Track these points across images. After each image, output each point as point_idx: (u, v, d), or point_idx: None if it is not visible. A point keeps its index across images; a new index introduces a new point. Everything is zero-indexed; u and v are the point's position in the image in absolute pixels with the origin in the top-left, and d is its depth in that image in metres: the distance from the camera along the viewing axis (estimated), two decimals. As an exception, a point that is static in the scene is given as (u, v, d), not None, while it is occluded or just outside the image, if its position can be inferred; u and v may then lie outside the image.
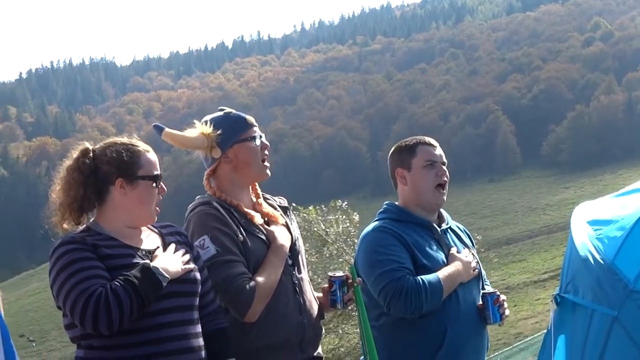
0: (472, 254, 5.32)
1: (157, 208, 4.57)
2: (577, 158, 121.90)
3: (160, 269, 4.27)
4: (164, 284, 4.26)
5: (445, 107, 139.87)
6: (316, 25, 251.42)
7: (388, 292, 5.03)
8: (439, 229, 5.39)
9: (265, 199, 5.14)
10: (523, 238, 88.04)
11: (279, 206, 5.23)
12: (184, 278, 4.46)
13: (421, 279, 5.03)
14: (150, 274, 4.26)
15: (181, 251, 4.49)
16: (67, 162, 4.52)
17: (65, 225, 4.53)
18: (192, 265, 4.49)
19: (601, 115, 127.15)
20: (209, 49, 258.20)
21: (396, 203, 5.43)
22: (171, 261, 4.41)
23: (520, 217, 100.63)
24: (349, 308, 5.28)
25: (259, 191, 5.18)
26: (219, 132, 5.01)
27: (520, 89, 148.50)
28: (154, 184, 4.52)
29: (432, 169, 5.38)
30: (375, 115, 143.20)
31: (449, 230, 5.44)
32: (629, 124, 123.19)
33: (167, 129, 4.91)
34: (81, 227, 4.48)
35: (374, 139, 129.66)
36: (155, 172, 4.53)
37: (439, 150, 5.37)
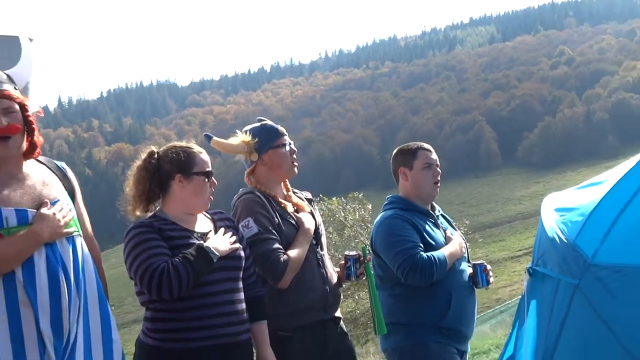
0: (459, 236, 5.47)
1: (211, 197, 4.73)
2: (545, 159, 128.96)
3: (212, 248, 4.38)
4: (215, 260, 4.38)
5: (440, 118, 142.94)
6: (337, 53, 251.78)
7: (405, 267, 5.11)
8: (434, 214, 5.53)
9: (294, 192, 5.32)
10: (502, 223, 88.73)
11: (305, 198, 5.37)
12: (231, 255, 4.53)
13: (432, 255, 5.15)
14: (203, 252, 4.36)
15: (229, 234, 4.59)
16: (137, 163, 4.70)
17: (137, 213, 4.67)
18: (237, 245, 4.57)
19: (565, 125, 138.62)
20: (252, 72, 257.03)
21: (399, 195, 5.56)
22: (221, 242, 4.48)
23: (500, 206, 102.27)
24: (363, 279, 5.48)
25: (289, 186, 5.30)
26: (256, 140, 5.14)
27: (500, 104, 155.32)
28: (206, 179, 4.65)
29: (429, 170, 5.54)
30: (385, 125, 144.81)
31: (440, 216, 5.63)
32: (587, 131, 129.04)
33: (214, 138, 5.17)
34: (149, 214, 4.61)
35: (383, 144, 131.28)
36: (207, 169, 4.64)
37: (434, 155, 5.58)
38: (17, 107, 4.00)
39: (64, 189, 4.27)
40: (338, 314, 5.20)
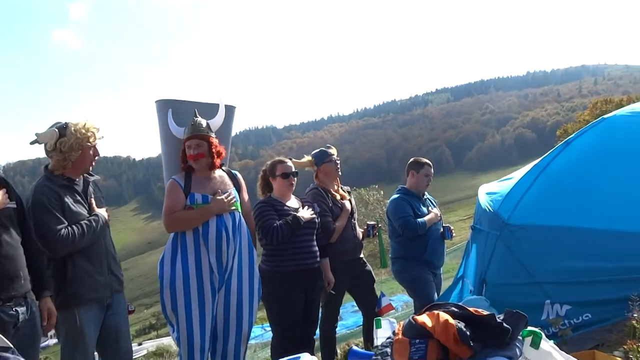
0: (437, 210, 5.55)
1: (293, 183, 4.77)
2: (479, 166, 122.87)
3: (300, 217, 4.58)
4: (302, 223, 4.56)
5: (420, 143, 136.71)
6: (363, 108, 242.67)
7: (404, 225, 5.21)
8: (423, 199, 5.53)
9: (340, 186, 5.37)
10: (455, 200, 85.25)
11: (346, 190, 5.43)
12: (310, 221, 4.69)
13: (417, 220, 5.25)
14: (296, 218, 4.55)
15: (310, 210, 4.75)
16: (261, 174, 4.92)
17: (262, 197, 4.80)
18: (314, 215, 4.74)
19: (489, 147, 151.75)
20: (316, 120, 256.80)
21: (405, 186, 5.58)
22: (305, 213, 4.66)
23: (454, 192, 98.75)
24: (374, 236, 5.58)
25: (339, 182, 5.32)
26: (315, 159, 5.20)
27: (453, 135, 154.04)
28: (286, 179, 4.72)
29: (427, 177, 5.51)
30: (389, 148, 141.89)
31: (427, 199, 5.63)
32: (502, 150, 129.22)
33: (293, 159, 5.05)
34: (267, 197, 4.79)
35: (388, 158, 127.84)
36: (286, 172, 4.75)
37: (432, 170, 5.59)
38: (205, 143, 4.33)
39: (233, 185, 4.54)
40: (362, 255, 5.40)
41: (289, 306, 4.58)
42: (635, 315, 3.41)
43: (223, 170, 4.61)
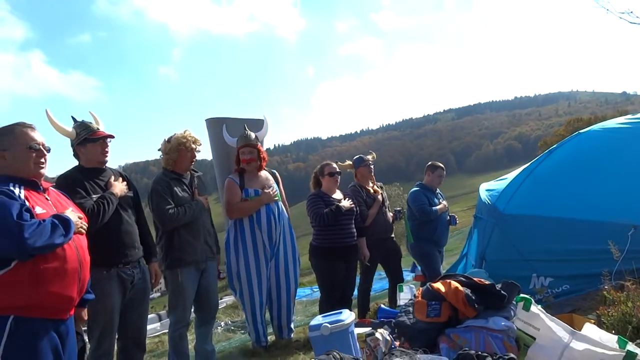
0: (445, 202, 5.47)
1: (337, 181, 4.71)
2: (477, 169, 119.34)
3: (342, 206, 4.49)
4: (343, 211, 4.48)
5: (431, 152, 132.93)
6: (387, 124, 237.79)
7: (421, 210, 5.14)
8: (436, 193, 5.43)
9: (375, 183, 5.24)
10: (460, 195, 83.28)
11: (379, 186, 5.31)
12: (350, 209, 4.57)
13: (432, 208, 5.16)
14: (338, 207, 4.46)
15: (350, 201, 4.64)
16: (313, 173, 4.86)
17: (313, 191, 4.70)
18: (353, 205, 4.61)
19: (485, 155, 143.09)
20: (352, 133, 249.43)
21: (422, 182, 5.48)
22: (346, 203, 4.55)
23: (457, 189, 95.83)
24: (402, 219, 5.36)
25: (374, 179, 5.20)
26: (354, 163, 5.13)
27: (457, 146, 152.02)
28: (332, 177, 4.66)
29: (440, 178, 5.42)
30: (407, 155, 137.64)
31: (438, 193, 5.49)
32: (494, 157, 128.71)
33: (338, 163, 5.03)
34: (317, 190, 4.70)
35: (406, 162, 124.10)
36: (332, 172, 4.71)
37: (444, 172, 5.51)
38: (255, 150, 4.41)
39: (274, 181, 4.59)
40: (392, 235, 5.30)
41: (332, 273, 4.57)
42: (606, 287, 3.30)
43: (266, 170, 4.65)
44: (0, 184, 2.16)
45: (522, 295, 2.87)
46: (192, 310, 4.08)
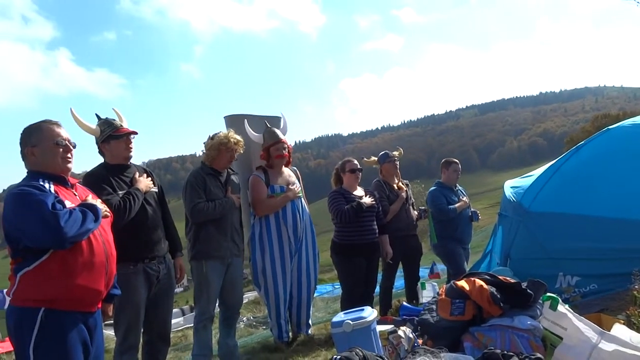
0: (467, 199, 5.41)
1: (358, 177, 4.70)
2: (500, 166, 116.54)
3: (363, 203, 4.47)
4: (364, 208, 4.45)
5: (452, 149, 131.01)
6: (408, 120, 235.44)
7: (438, 210, 5.15)
8: (455, 190, 5.41)
9: (400, 179, 5.23)
10: (482, 192, 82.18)
11: (405, 184, 5.30)
12: (371, 206, 4.55)
13: (449, 207, 5.15)
14: (359, 204, 4.44)
15: (371, 197, 4.62)
16: (334, 170, 4.89)
17: (334, 187, 4.72)
18: (374, 202, 4.59)
19: (508, 151, 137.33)
20: (372, 129, 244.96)
21: (440, 181, 5.47)
22: (367, 200, 4.53)
23: (480, 186, 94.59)
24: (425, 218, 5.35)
25: (400, 176, 5.21)
26: (379, 159, 5.15)
27: (479, 142, 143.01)
28: (353, 173, 4.67)
29: (455, 173, 5.38)
30: (428, 151, 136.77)
31: (458, 190, 5.48)
32: (518, 154, 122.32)
33: (364, 159, 5.16)
34: (338, 187, 4.70)
35: (427, 159, 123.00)
36: (352, 168, 4.70)
37: (459, 167, 5.46)
38: (287, 146, 4.45)
39: (296, 179, 4.59)
40: (415, 232, 5.26)
41: (353, 270, 4.57)
42: (636, 286, 3.20)
43: (287, 167, 4.65)
44: (31, 179, 2.24)
45: (549, 294, 2.83)
46: (217, 304, 4.12)
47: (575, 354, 2.46)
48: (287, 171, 4.59)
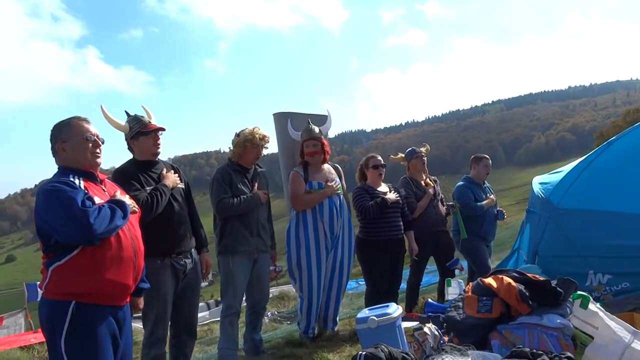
0: (493, 196, 5.37)
1: (382, 173, 4.68)
2: (527, 162, 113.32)
3: (387, 199, 4.46)
4: (389, 204, 4.45)
5: (478, 144, 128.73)
6: (433, 115, 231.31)
7: (465, 206, 5.10)
8: (483, 187, 5.38)
9: (427, 176, 5.21)
10: (509, 189, 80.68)
11: (433, 180, 5.25)
12: (396, 202, 4.55)
13: (476, 203, 5.10)
14: (384, 200, 4.44)
15: (396, 193, 4.61)
16: (358, 166, 4.89)
17: (359, 184, 4.74)
18: (399, 198, 4.58)
19: (536, 146, 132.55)
20: (396, 125, 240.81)
21: (469, 176, 5.40)
22: (392, 196, 4.53)
23: (505, 182, 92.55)
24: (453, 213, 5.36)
25: (427, 173, 5.20)
26: (406, 156, 5.16)
27: (505, 138, 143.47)
28: (376, 169, 4.66)
29: (485, 168, 5.34)
30: (454, 147, 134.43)
31: (486, 187, 5.45)
32: (546, 149, 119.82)
33: (390, 156, 5.20)
34: (362, 184, 4.70)
35: (452, 154, 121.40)
36: (376, 164, 4.69)
37: (490, 162, 5.41)
38: (319, 143, 4.43)
39: (337, 175, 4.58)
40: (444, 228, 5.22)
41: (377, 266, 4.57)
42: (671, 285, 3.18)
43: (328, 163, 4.69)
44: (62, 175, 2.28)
45: (579, 292, 2.78)
46: (244, 299, 4.17)
47: (607, 354, 2.42)
48: (327, 168, 4.59)
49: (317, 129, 4.53)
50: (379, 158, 4.88)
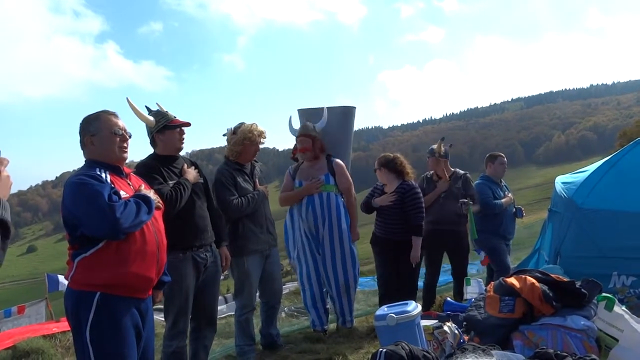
0: (511, 195, 5.35)
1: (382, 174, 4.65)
2: (546, 161, 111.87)
3: (374, 200, 4.46)
4: (374, 204, 4.45)
5: (497, 142, 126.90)
6: (451, 113, 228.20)
7: (484, 204, 5.05)
8: (501, 185, 5.35)
9: (452, 170, 5.15)
10: (527, 188, 79.38)
11: (457, 176, 5.10)
12: (387, 205, 4.44)
13: (494, 201, 5.08)
14: (368, 200, 4.49)
15: (394, 195, 4.43)
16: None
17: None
18: (390, 202, 4.38)
19: (556, 146, 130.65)
20: (408, 123, 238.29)
21: (486, 174, 5.37)
22: (381, 198, 4.46)
23: (524, 180, 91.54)
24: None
25: (448, 168, 5.05)
26: (427, 153, 5.16)
27: (525, 136, 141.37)
28: (378, 171, 4.57)
29: (502, 165, 5.31)
30: (472, 145, 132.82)
31: (504, 185, 5.40)
32: (567, 148, 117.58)
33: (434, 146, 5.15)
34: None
35: (470, 153, 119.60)
36: (375, 166, 4.65)
37: (505, 160, 5.39)
38: (310, 140, 4.34)
39: (328, 171, 4.39)
40: (456, 227, 4.99)
41: (382, 264, 4.53)
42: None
43: (329, 159, 4.51)
44: (89, 169, 2.31)
45: (604, 294, 2.76)
46: (257, 295, 4.19)
47: (632, 357, 2.39)
48: (320, 165, 4.43)
49: (311, 125, 4.45)
50: (384, 157, 4.74)
